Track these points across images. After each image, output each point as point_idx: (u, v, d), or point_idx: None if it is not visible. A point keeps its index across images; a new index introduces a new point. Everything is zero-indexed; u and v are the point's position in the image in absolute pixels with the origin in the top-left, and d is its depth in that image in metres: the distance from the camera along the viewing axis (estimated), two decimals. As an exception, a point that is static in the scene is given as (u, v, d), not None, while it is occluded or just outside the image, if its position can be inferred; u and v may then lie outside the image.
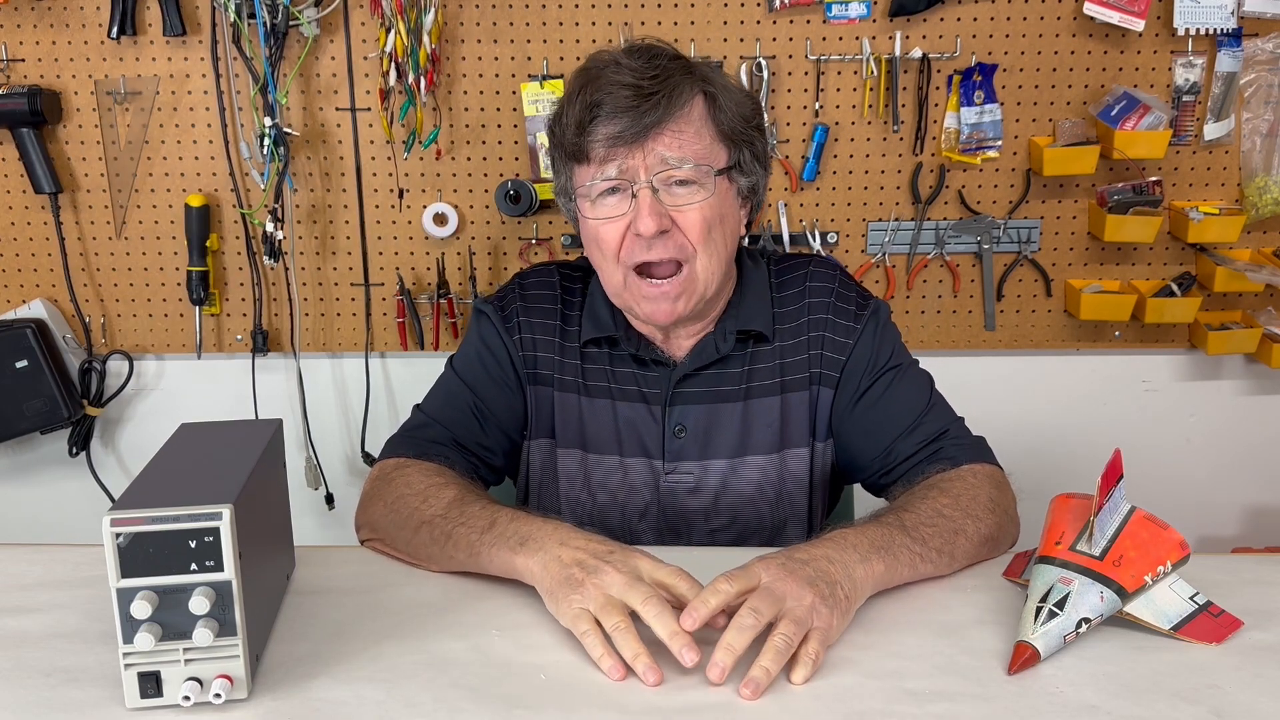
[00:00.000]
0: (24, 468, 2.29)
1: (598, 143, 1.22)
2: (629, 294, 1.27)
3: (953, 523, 1.14)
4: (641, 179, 1.21)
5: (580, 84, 1.24)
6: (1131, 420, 2.24)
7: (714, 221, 1.24)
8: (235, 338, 2.22)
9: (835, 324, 1.34)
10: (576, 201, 1.28)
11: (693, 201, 1.23)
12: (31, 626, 1.03)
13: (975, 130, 2.08)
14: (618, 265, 1.26)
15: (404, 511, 1.18)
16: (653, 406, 1.34)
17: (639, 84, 1.20)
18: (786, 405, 1.34)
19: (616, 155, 1.21)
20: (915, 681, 0.93)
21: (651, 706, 0.90)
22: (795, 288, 1.37)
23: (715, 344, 1.33)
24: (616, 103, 1.20)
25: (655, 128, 1.20)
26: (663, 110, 1.20)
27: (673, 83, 1.22)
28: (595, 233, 1.26)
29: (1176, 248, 2.15)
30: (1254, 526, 2.30)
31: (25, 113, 2.05)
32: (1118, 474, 1.02)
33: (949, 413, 1.34)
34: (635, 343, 1.34)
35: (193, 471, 0.96)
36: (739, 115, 1.27)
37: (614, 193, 1.24)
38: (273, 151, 2.05)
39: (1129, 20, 2.00)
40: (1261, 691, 0.92)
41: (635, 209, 1.22)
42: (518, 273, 1.45)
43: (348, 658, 0.98)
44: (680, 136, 1.22)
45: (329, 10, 2.04)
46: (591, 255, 1.30)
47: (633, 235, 1.23)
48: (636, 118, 1.20)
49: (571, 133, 1.23)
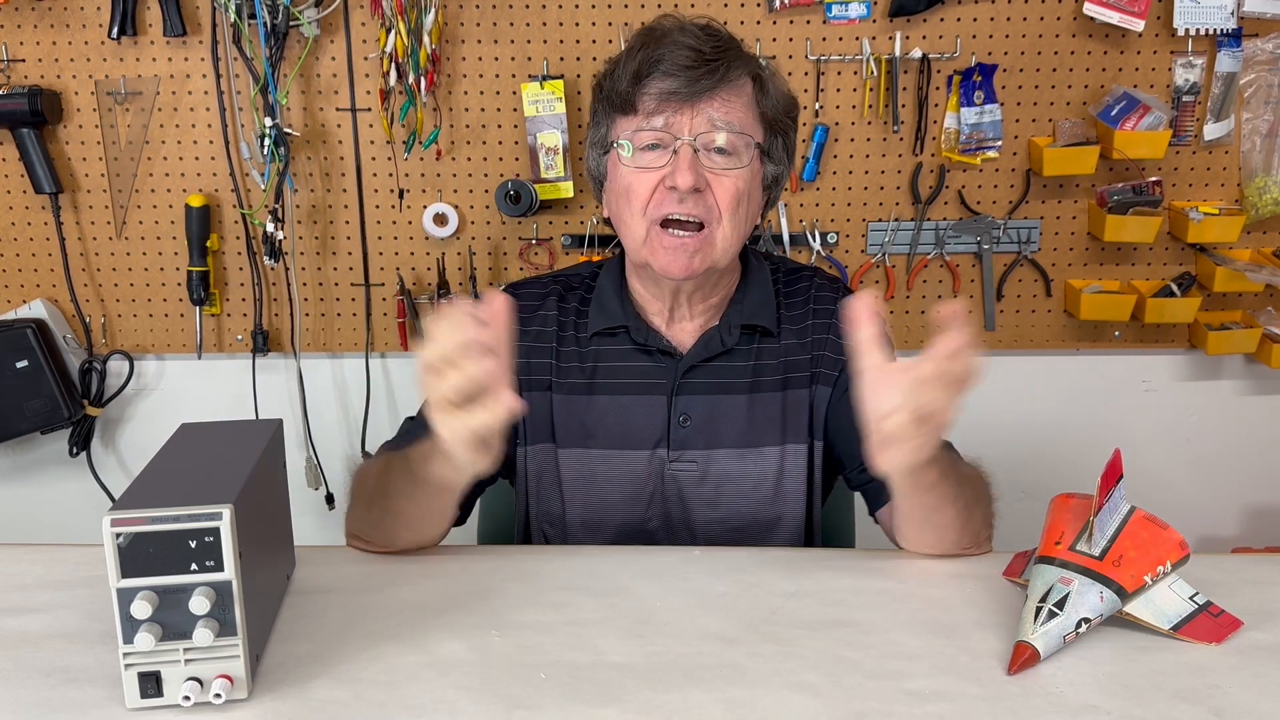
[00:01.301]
0: (24, 468, 2.29)
1: (650, 95, 1.26)
2: (648, 247, 1.29)
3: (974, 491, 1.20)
4: (685, 136, 1.25)
5: (643, 41, 1.28)
6: (1131, 420, 2.24)
7: (744, 195, 1.28)
8: (235, 338, 2.22)
9: (837, 328, 1.36)
10: (613, 151, 1.31)
11: (729, 169, 1.27)
12: (31, 626, 1.03)
13: (975, 130, 2.08)
14: (643, 218, 1.28)
15: (360, 503, 1.24)
16: (658, 396, 1.36)
17: (700, 49, 1.25)
18: (787, 401, 1.36)
19: (665, 110, 1.26)
20: (915, 681, 0.93)
21: (651, 705, 0.90)
22: (801, 295, 1.41)
23: (721, 336, 1.36)
24: (677, 59, 1.24)
25: (708, 92, 1.25)
26: (719, 77, 1.25)
27: (731, 55, 1.27)
28: (628, 182, 1.28)
29: (1176, 248, 2.15)
30: (1254, 526, 2.30)
31: (25, 113, 2.05)
32: (1117, 474, 1.02)
33: None
34: (644, 332, 1.36)
35: (193, 471, 0.96)
36: (781, 105, 1.32)
37: (654, 149, 1.27)
38: (273, 151, 2.05)
39: (1129, 20, 2.00)
40: (1261, 691, 0.92)
41: (674, 163, 1.25)
42: (510, 284, 1.46)
43: (348, 658, 0.98)
44: (729, 105, 1.26)
45: (329, 10, 2.04)
46: (617, 208, 1.32)
47: (665, 189, 1.26)
48: (692, 79, 1.24)
49: (626, 83, 1.27)
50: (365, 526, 1.23)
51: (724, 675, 0.95)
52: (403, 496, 1.16)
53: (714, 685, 0.93)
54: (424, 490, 1.14)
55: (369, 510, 1.22)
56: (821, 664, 0.96)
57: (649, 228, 1.28)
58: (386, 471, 1.21)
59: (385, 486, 1.19)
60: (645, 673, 0.95)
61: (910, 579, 1.13)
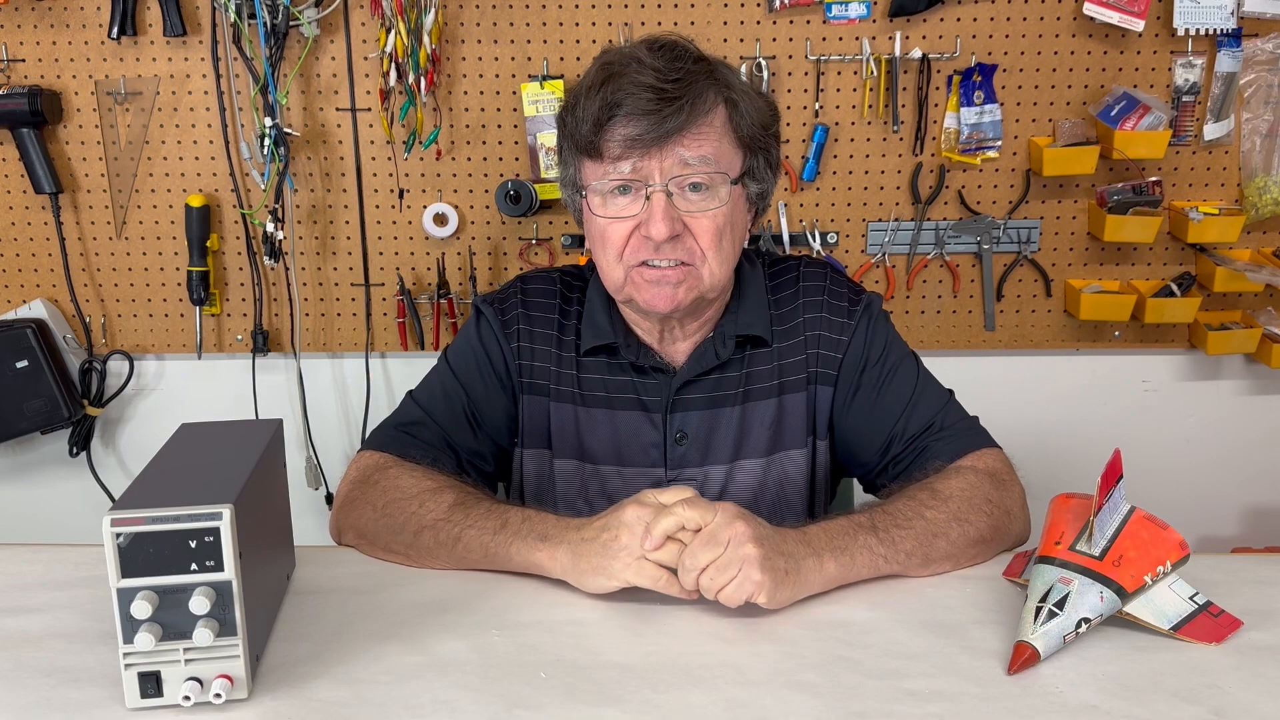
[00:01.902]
0: (24, 468, 2.29)
1: (614, 142, 1.20)
2: (631, 285, 1.26)
3: (933, 525, 1.13)
4: (656, 182, 1.20)
5: (600, 79, 1.20)
6: (1131, 420, 2.24)
7: (725, 229, 1.23)
8: (235, 338, 2.22)
9: (830, 322, 1.34)
10: (585, 197, 1.26)
11: (706, 208, 1.22)
12: (31, 626, 1.03)
13: (975, 130, 2.09)
14: (620, 263, 1.25)
15: (399, 517, 1.18)
16: (653, 414, 1.34)
17: (661, 86, 1.17)
18: (782, 408, 1.34)
19: (631, 155, 1.20)
20: (915, 681, 0.93)
21: (651, 705, 0.90)
22: (789, 289, 1.36)
23: (714, 349, 1.32)
24: (637, 104, 1.17)
25: (677, 132, 1.18)
26: (685, 116, 1.18)
27: (697, 89, 1.19)
28: (602, 231, 1.24)
29: (1176, 248, 2.15)
30: (1254, 526, 2.30)
31: (25, 113, 2.05)
32: (1117, 474, 1.02)
33: (938, 397, 1.33)
34: (635, 350, 1.33)
35: (193, 471, 0.96)
36: (758, 123, 1.26)
37: (625, 192, 1.22)
38: (273, 151, 2.05)
39: (1129, 20, 2.00)
40: (1261, 691, 0.92)
41: (648, 211, 1.20)
42: (519, 275, 1.43)
43: (348, 658, 0.98)
44: (700, 139, 1.20)
45: (329, 10, 2.04)
46: (594, 250, 1.29)
47: (640, 236, 1.22)
48: (657, 122, 1.17)
49: (587, 129, 1.20)
50: (392, 539, 1.18)
51: (724, 675, 0.95)
52: (479, 551, 1.12)
53: (714, 685, 0.93)
54: (505, 563, 1.12)
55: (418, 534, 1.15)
56: (821, 664, 0.96)
57: (627, 272, 1.24)
58: (463, 514, 1.15)
59: (458, 532, 1.13)
60: (645, 673, 0.95)
61: (910, 579, 1.13)
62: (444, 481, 1.23)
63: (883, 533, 1.11)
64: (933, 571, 1.14)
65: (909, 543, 1.11)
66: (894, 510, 1.14)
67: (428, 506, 1.17)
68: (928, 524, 1.13)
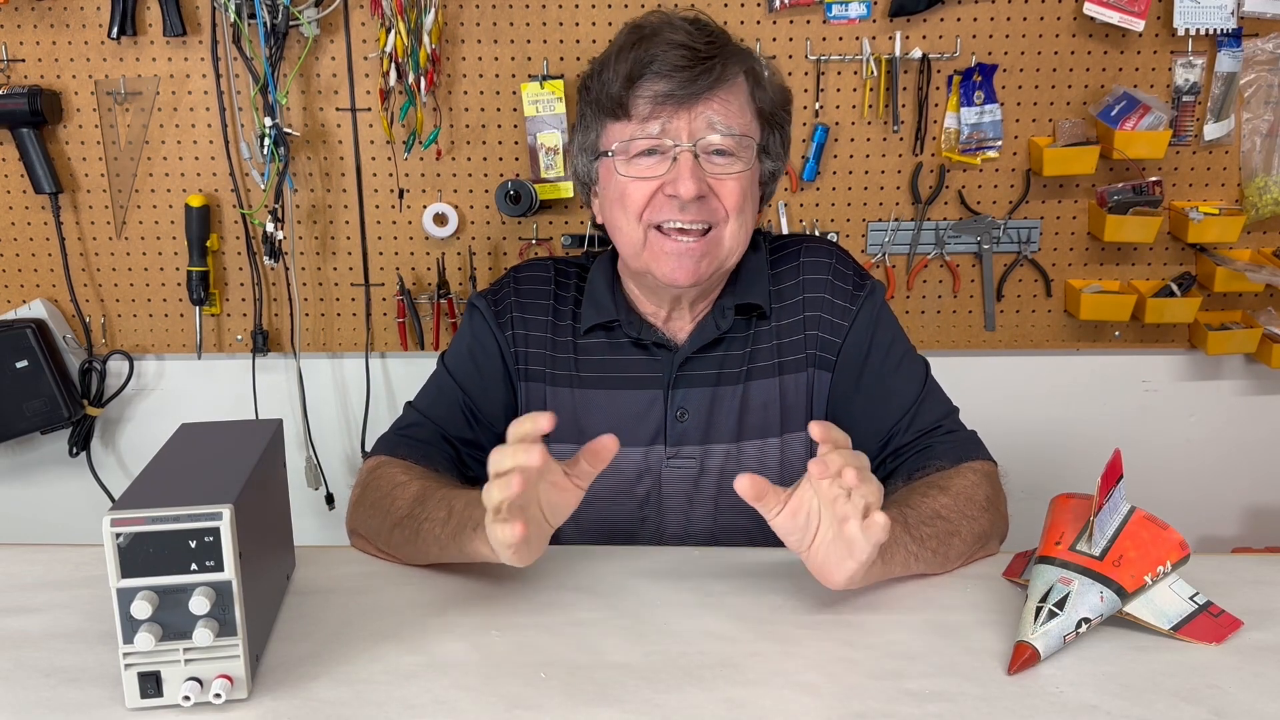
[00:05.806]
0: (24, 468, 2.29)
1: (644, 99, 1.21)
2: (649, 252, 1.25)
3: (949, 524, 1.14)
4: (685, 142, 1.21)
5: (632, 40, 1.22)
6: (1131, 420, 2.24)
7: (747, 194, 1.25)
8: (235, 338, 2.22)
9: (832, 304, 1.33)
10: (610, 158, 1.26)
11: (731, 170, 1.23)
12: (31, 626, 1.03)
13: (975, 130, 2.08)
14: (639, 224, 1.24)
15: (379, 514, 1.19)
16: (654, 391, 1.33)
17: (695, 47, 1.19)
18: (784, 388, 1.34)
19: (661, 114, 1.21)
20: (915, 681, 0.93)
21: (651, 705, 0.90)
22: (790, 264, 1.36)
23: (715, 322, 1.32)
24: (671, 60, 1.19)
25: (706, 93, 1.20)
26: (715, 76, 1.20)
27: (726, 51, 1.22)
28: (622, 189, 1.24)
29: (1176, 248, 2.15)
30: (1254, 526, 2.30)
31: (25, 113, 2.05)
32: (1117, 474, 1.02)
33: (945, 403, 1.34)
34: (637, 326, 1.33)
35: (193, 471, 0.96)
36: (777, 99, 1.29)
37: (650, 154, 1.23)
38: (273, 151, 2.05)
39: (1129, 20, 2.00)
40: (1261, 691, 0.92)
41: (675, 171, 1.21)
42: (513, 266, 1.44)
43: (348, 658, 0.98)
44: (727, 105, 1.22)
45: (329, 10, 2.04)
46: (611, 214, 1.28)
47: (664, 196, 1.22)
48: (688, 80, 1.19)
49: (617, 86, 1.21)
50: (379, 538, 1.19)
51: (724, 675, 0.95)
52: (436, 545, 1.11)
53: (714, 685, 0.93)
54: (457, 554, 1.09)
55: (391, 532, 1.17)
56: (821, 664, 0.96)
57: (646, 232, 1.25)
58: (421, 507, 1.14)
59: (417, 526, 1.13)
60: (645, 672, 0.95)
61: (910, 579, 1.13)
62: (416, 474, 1.23)
63: (914, 529, 1.10)
64: (946, 569, 1.14)
65: (934, 541, 1.11)
66: (915, 507, 1.14)
67: (397, 501, 1.18)
68: (946, 522, 1.14)
